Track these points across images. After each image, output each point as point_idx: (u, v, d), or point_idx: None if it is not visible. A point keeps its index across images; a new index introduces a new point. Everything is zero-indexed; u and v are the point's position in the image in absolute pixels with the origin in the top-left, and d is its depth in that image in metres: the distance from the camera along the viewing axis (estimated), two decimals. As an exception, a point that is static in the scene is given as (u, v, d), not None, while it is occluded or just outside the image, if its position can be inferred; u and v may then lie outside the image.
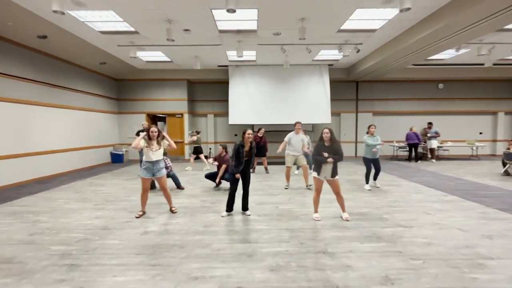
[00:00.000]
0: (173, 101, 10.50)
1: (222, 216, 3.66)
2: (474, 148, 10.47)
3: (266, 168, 7.61)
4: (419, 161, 9.56)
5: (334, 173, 3.59)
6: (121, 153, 9.97)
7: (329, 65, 9.94)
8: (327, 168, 3.60)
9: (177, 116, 10.75)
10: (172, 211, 4.01)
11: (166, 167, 5.34)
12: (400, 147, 10.27)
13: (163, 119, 11.84)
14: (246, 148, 3.76)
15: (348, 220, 3.64)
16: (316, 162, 3.65)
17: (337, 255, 2.69)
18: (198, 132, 8.33)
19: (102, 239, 3.10)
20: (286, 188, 5.60)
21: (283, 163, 9.30)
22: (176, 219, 3.77)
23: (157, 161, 3.81)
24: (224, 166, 5.42)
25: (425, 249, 2.80)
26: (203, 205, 4.43)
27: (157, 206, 4.35)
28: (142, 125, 7.40)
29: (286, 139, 5.62)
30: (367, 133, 5.38)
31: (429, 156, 10.07)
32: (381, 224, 3.51)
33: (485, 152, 11.09)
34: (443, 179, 6.42)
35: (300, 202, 4.58)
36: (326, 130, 3.64)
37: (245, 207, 3.94)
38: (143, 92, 10.50)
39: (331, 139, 3.59)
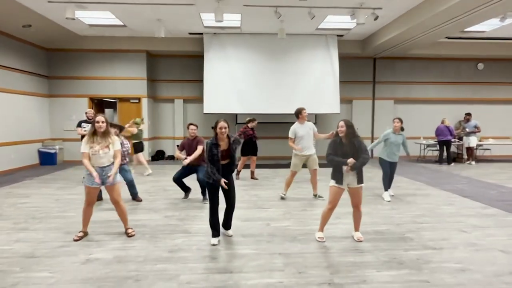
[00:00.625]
0: (127, 81, 10.30)
1: (214, 245, 3.61)
2: (521, 147, 10.94)
3: (253, 173, 7.60)
4: (452, 164, 9.90)
5: (359, 179, 3.63)
6: (53, 151, 9.70)
7: (338, 36, 10.04)
8: (350, 173, 3.60)
9: (132, 101, 10.55)
10: (128, 234, 3.91)
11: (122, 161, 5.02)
12: (428, 145, 10.58)
13: (112, 105, 11.58)
14: (223, 146, 3.62)
15: (361, 241, 3.71)
16: (334, 166, 3.63)
17: (346, 287, 2.73)
18: (137, 124, 7.96)
19: (25, 271, 3.01)
20: (282, 198, 5.63)
21: (276, 166, 9.38)
22: (131, 242, 3.71)
23: (108, 166, 3.73)
24: (200, 147, 5.22)
25: (458, 277, 2.90)
26: (167, 223, 4.38)
27: (103, 224, 4.27)
28: (86, 113, 7.18)
29: (291, 134, 5.46)
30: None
31: (466, 157, 10.43)
32: (403, 246, 3.59)
33: (534, 152, 11.62)
34: (481, 187, 6.67)
35: (298, 218, 4.62)
36: (341, 123, 3.61)
37: (226, 225, 3.93)
38: (85, 68, 10.22)
39: (349, 134, 3.58)
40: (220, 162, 3.58)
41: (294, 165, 5.57)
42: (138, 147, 7.98)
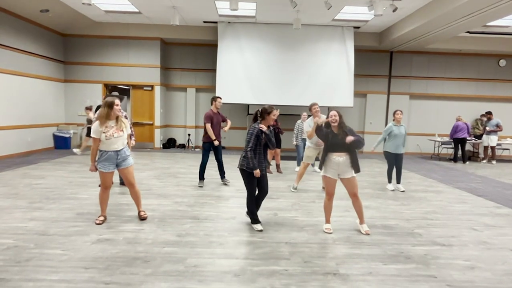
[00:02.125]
0: (140, 68, 10.40)
1: (261, 230, 3.72)
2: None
3: (278, 166, 7.34)
4: (467, 162, 9.70)
5: (355, 168, 3.64)
6: (67, 136, 9.91)
7: (354, 27, 9.88)
8: (340, 163, 3.63)
9: (145, 89, 10.66)
10: (140, 217, 3.99)
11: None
12: (443, 143, 10.38)
13: (126, 92, 11.71)
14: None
15: (368, 234, 3.71)
16: (324, 156, 3.73)
17: (351, 278, 2.74)
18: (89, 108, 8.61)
19: (39, 248, 3.12)
20: (294, 191, 5.64)
21: (287, 157, 9.37)
22: (140, 225, 3.80)
23: (122, 150, 3.79)
24: (229, 122, 5.68)
25: (467, 274, 2.88)
26: (176, 208, 4.47)
27: (114, 207, 4.37)
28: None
29: (307, 128, 5.54)
30: (393, 120, 5.88)
31: (482, 155, 10.20)
32: (411, 241, 3.58)
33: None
34: (497, 187, 6.54)
35: (307, 209, 4.64)
36: (334, 113, 3.72)
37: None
38: (100, 54, 10.36)
39: (341, 123, 3.68)
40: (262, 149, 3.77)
41: (307, 157, 5.66)
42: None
